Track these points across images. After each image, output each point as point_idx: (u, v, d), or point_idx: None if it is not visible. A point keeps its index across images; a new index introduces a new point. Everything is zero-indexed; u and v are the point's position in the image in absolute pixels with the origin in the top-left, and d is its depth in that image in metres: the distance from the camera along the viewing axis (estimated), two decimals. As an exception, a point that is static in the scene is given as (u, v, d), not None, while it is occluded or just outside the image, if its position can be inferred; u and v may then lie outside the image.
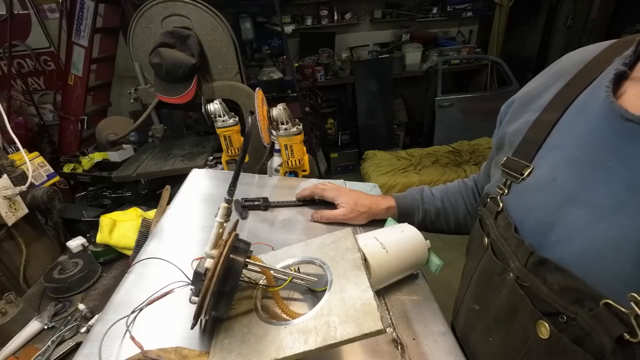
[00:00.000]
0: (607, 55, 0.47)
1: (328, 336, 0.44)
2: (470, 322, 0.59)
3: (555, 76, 0.53)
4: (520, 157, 0.50)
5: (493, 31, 3.90)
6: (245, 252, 0.52)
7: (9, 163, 1.11)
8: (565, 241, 0.41)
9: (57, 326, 0.85)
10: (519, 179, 0.49)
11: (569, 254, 0.40)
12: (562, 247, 0.41)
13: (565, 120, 0.47)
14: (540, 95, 0.53)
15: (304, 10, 3.91)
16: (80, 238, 1.09)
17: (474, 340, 0.57)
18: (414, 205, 0.81)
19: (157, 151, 1.98)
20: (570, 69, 0.50)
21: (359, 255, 0.54)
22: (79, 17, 2.86)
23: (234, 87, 1.99)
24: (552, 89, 0.51)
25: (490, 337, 0.52)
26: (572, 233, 0.41)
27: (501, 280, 0.48)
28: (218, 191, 0.95)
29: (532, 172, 0.48)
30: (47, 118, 3.32)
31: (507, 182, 0.52)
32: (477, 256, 0.56)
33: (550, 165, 0.46)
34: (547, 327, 0.40)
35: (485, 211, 0.55)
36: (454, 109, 3.59)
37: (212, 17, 1.88)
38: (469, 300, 0.59)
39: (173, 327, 0.55)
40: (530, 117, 0.52)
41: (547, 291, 0.41)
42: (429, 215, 0.80)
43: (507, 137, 0.56)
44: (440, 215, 0.80)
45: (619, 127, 0.39)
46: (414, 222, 0.81)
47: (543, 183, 0.46)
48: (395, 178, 3.18)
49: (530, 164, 0.48)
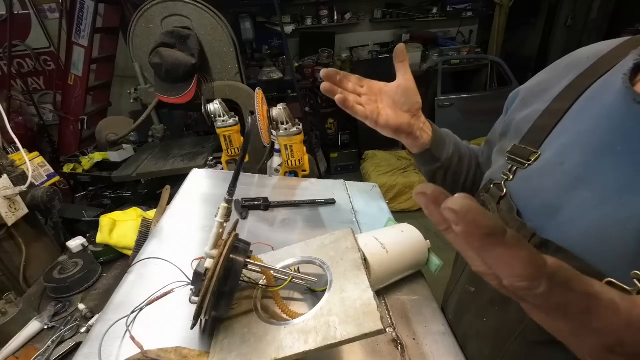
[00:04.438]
0: (622, 50, 0.47)
1: (328, 336, 0.44)
2: (464, 304, 0.59)
3: (567, 69, 0.53)
4: (528, 144, 0.51)
5: (493, 31, 3.90)
6: (245, 252, 0.52)
7: (9, 163, 1.11)
8: (570, 222, 0.41)
9: (57, 326, 0.85)
10: (525, 164, 0.49)
11: (573, 235, 0.41)
12: (567, 229, 0.42)
13: (576, 108, 0.47)
14: (551, 87, 0.53)
15: (304, 10, 3.91)
16: (80, 238, 1.09)
17: (468, 321, 0.57)
18: (446, 139, 0.72)
19: (157, 151, 1.98)
20: (583, 62, 0.51)
21: (359, 255, 0.54)
22: (79, 17, 2.86)
23: (234, 87, 1.99)
24: (564, 81, 0.52)
25: (484, 317, 0.53)
26: (578, 215, 0.41)
27: None
28: (218, 191, 0.95)
29: (539, 158, 0.48)
30: (47, 118, 3.31)
31: (512, 168, 0.52)
32: None
33: (558, 149, 0.46)
34: None
35: (488, 197, 0.55)
36: (454, 109, 3.59)
37: (212, 17, 1.88)
38: (463, 282, 0.59)
39: (173, 327, 0.55)
40: (540, 106, 0.52)
41: None
42: (456, 155, 0.72)
43: (514, 124, 0.56)
44: (463, 161, 0.73)
45: (632, 111, 0.40)
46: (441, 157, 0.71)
47: (550, 167, 0.46)
48: (395, 178, 3.18)
49: (538, 150, 0.49)
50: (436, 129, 0.72)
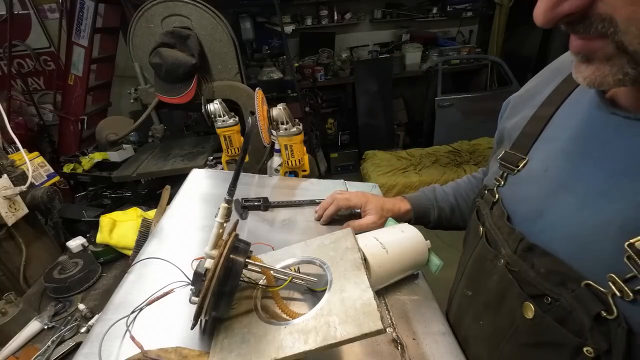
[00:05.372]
0: None
1: (328, 336, 0.44)
2: (463, 307, 0.60)
3: (554, 73, 0.55)
4: (517, 150, 0.53)
5: (493, 31, 3.90)
6: (245, 252, 0.52)
7: (9, 163, 1.11)
8: (553, 227, 0.43)
9: (57, 326, 0.85)
10: (514, 170, 0.52)
11: (556, 239, 0.42)
12: (550, 233, 0.43)
13: (560, 114, 0.49)
14: (539, 92, 0.55)
15: (304, 10, 3.91)
16: (80, 238, 1.09)
17: (466, 324, 0.58)
18: (428, 205, 0.81)
19: (157, 151, 1.98)
20: (567, 67, 0.52)
21: (359, 255, 0.54)
22: (79, 17, 2.86)
23: (234, 87, 1.99)
24: (551, 85, 0.53)
25: (481, 320, 0.54)
26: (560, 219, 0.43)
27: (492, 266, 0.51)
28: (218, 191, 0.95)
29: (526, 164, 0.51)
30: (47, 118, 3.31)
31: (503, 174, 0.54)
32: (472, 245, 0.58)
33: (543, 156, 0.49)
34: (532, 308, 0.42)
35: (483, 202, 0.57)
36: (454, 109, 3.59)
37: (212, 17, 1.88)
38: (462, 286, 0.61)
39: (173, 327, 0.55)
40: (528, 112, 0.54)
41: (534, 275, 0.43)
42: (444, 213, 0.81)
43: (506, 132, 0.59)
44: (455, 211, 0.81)
45: (606, 120, 0.41)
46: (429, 221, 0.82)
47: (536, 173, 0.49)
48: (395, 178, 3.18)
49: (525, 157, 0.51)
50: (416, 205, 0.81)
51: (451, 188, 0.83)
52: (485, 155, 3.35)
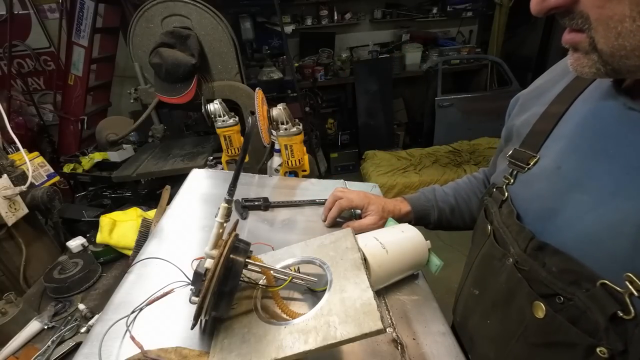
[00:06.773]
0: None
1: (328, 336, 0.44)
2: (469, 306, 0.60)
3: (564, 71, 0.54)
4: (527, 148, 0.52)
5: (493, 31, 3.90)
6: (245, 252, 0.52)
7: (9, 163, 1.11)
8: (567, 225, 0.43)
9: (57, 326, 0.85)
10: (524, 168, 0.51)
11: (570, 238, 0.42)
12: (564, 232, 0.43)
13: (572, 111, 0.48)
14: (549, 89, 0.54)
15: (304, 10, 3.91)
16: (80, 238, 1.09)
17: (473, 323, 0.58)
18: (428, 206, 0.81)
19: (157, 151, 1.98)
20: None
21: (359, 255, 0.54)
22: (79, 17, 2.86)
23: (234, 87, 1.99)
24: (562, 83, 0.53)
25: (488, 320, 0.53)
26: (575, 218, 0.42)
27: (501, 265, 0.50)
28: (218, 191, 0.95)
29: (538, 162, 0.50)
30: (47, 118, 3.32)
31: (513, 172, 0.53)
32: (479, 243, 0.57)
33: (556, 154, 0.48)
34: (543, 308, 0.42)
35: (491, 200, 0.56)
36: (454, 109, 3.59)
37: (212, 17, 1.88)
38: (469, 285, 0.60)
39: (173, 327, 0.55)
40: (538, 109, 0.54)
41: (545, 274, 0.43)
42: (444, 213, 0.80)
43: (515, 129, 0.58)
44: (455, 212, 0.80)
45: (621, 116, 0.41)
46: (430, 222, 0.81)
47: (548, 171, 0.48)
48: (395, 178, 3.18)
49: (536, 155, 0.50)
50: (416, 206, 0.81)
51: (451, 188, 0.83)
52: (485, 156, 3.35)
